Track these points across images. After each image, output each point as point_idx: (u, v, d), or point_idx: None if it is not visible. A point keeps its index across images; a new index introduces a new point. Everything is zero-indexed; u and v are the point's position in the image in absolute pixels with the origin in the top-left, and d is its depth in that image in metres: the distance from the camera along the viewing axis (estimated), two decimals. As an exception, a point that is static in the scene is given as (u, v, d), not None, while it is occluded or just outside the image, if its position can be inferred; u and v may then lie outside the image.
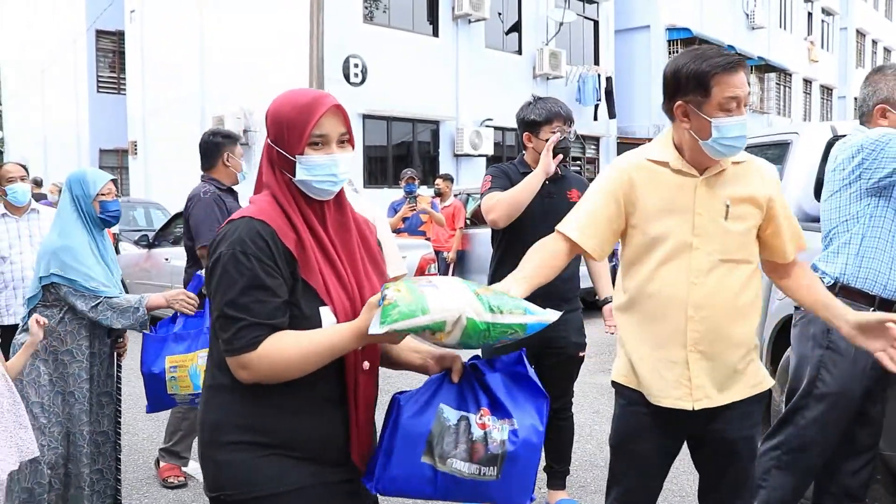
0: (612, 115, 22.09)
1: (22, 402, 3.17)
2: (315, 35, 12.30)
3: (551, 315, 1.87)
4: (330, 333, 1.81)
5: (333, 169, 1.90)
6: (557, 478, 4.15)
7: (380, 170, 17.32)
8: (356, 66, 15.80)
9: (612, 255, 4.55)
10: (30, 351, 3.29)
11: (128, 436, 5.52)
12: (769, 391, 2.66)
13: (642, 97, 24.32)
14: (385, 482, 1.87)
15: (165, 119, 20.01)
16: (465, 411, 1.90)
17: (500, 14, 19.37)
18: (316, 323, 1.85)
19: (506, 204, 3.63)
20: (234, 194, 4.78)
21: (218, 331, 1.83)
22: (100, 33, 24.50)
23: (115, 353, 3.76)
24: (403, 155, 17.77)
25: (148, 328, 3.61)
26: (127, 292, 3.77)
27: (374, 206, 3.95)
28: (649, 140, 17.75)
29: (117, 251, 10.41)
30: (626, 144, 23.69)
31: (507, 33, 19.76)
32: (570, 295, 3.91)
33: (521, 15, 19.92)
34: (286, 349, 1.79)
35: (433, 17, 17.85)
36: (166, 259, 8.91)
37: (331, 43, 13.73)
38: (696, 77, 2.32)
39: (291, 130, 1.88)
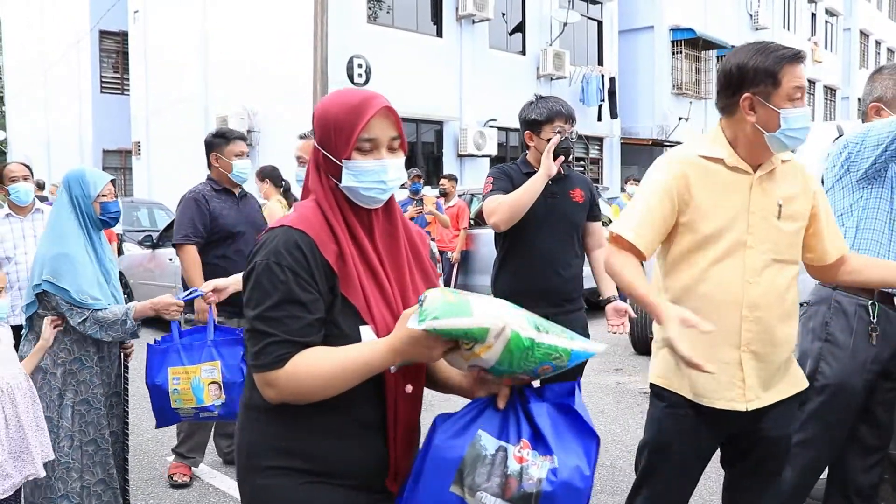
0: (613, 115, 22.06)
1: (40, 403, 3.21)
2: (319, 35, 12.29)
3: (599, 346, 1.76)
4: (363, 349, 1.70)
5: (382, 175, 1.78)
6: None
7: (383, 170, 17.30)
8: (360, 66, 15.79)
9: None
10: (40, 354, 3.27)
11: (133, 436, 5.51)
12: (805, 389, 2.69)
13: (646, 98, 24.31)
14: None
15: (169, 119, 20.01)
16: (504, 441, 1.72)
17: (503, 14, 19.35)
18: (353, 343, 1.73)
19: (507, 207, 3.62)
20: (231, 195, 4.78)
21: (247, 344, 1.74)
22: (103, 34, 24.51)
23: (123, 354, 3.70)
24: (407, 155, 17.73)
25: (138, 336, 3.49)
26: (129, 292, 3.72)
27: None
28: (653, 141, 17.74)
29: (121, 252, 10.45)
30: (629, 145, 23.69)
31: (510, 34, 19.75)
32: (573, 295, 3.89)
33: (524, 15, 19.91)
34: (315, 367, 1.68)
35: (437, 17, 17.84)
36: (170, 259, 8.90)
37: (335, 43, 13.72)
38: (765, 69, 2.33)
39: (339, 133, 1.77)
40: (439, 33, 17.87)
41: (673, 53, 24.78)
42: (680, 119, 24.05)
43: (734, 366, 2.44)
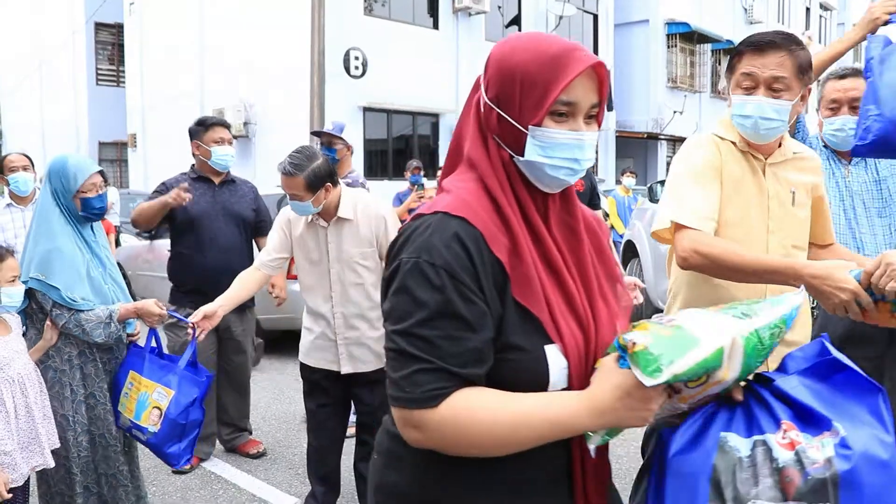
0: (609, 107, 22.01)
1: (47, 393, 3.19)
2: (316, 28, 12.29)
3: (797, 297, 1.45)
4: (551, 403, 1.28)
5: (577, 152, 1.37)
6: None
7: (380, 163, 17.33)
8: (356, 58, 15.81)
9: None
10: (40, 354, 3.22)
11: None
12: None
13: (641, 91, 24.34)
14: None
15: (165, 112, 19.99)
16: (758, 434, 1.37)
17: (500, 7, 19.37)
18: (535, 369, 1.33)
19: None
20: (208, 182, 4.76)
21: (387, 366, 1.34)
22: (99, 26, 24.46)
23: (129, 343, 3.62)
24: (403, 148, 17.78)
25: (123, 340, 3.36)
26: (127, 282, 3.68)
27: (380, 199, 3.96)
28: (647, 134, 17.74)
29: (118, 243, 10.46)
30: (624, 138, 23.74)
31: (507, 26, 19.76)
32: None
33: (520, 8, 19.93)
34: (482, 416, 1.27)
35: (433, 9, 17.85)
36: (168, 250, 8.91)
37: (331, 36, 13.73)
38: (733, 55, 2.37)
39: (528, 90, 1.34)
40: (436, 26, 17.88)
41: (668, 47, 24.82)
42: (675, 112, 24.11)
43: None
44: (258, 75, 16.82)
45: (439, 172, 9.46)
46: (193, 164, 4.83)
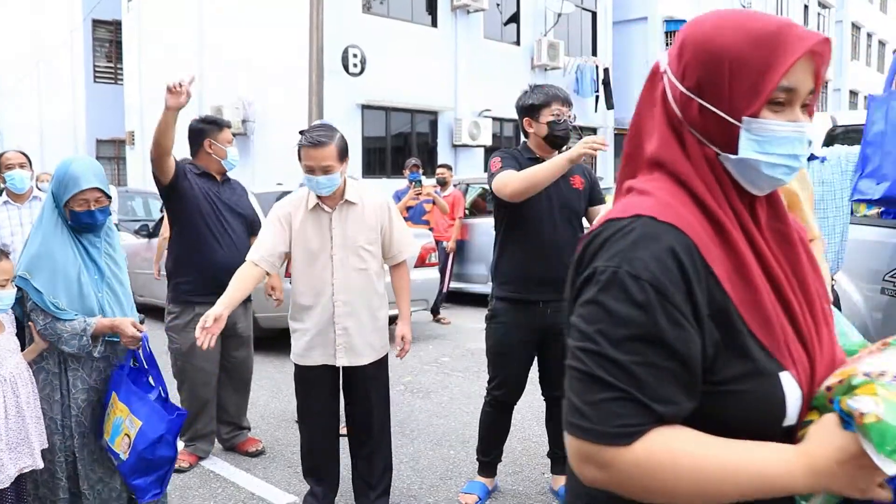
0: (609, 105, 22.10)
1: (38, 394, 3.12)
2: (314, 25, 12.28)
3: None
4: (764, 457, 1.07)
5: (797, 147, 1.19)
6: (560, 463, 4.19)
7: (378, 160, 17.31)
8: (355, 56, 15.79)
9: None
10: (33, 355, 3.13)
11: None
12: None
13: (639, 88, 24.18)
14: None
15: (163, 109, 19.94)
16: None
17: (498, 5, 19.35)
18: (770, 401, 1.13)
19: (523, 179, 3.54)
20: (212, 179, 4.73)
21: (567, 387, 1.15)
22: (96, 23, 24.43)
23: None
24: (402, 146, 17.76)
25: (95, 356, 3.16)
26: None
27: (380, 190, 3.96)
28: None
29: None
30: (622, 136, 23.69)
31: (505, 24, 19.75)
32: None
33: (519, 6, 19.90)
34: (684, 461, 1.07)
35: (432, 7, 17.83)
36: (166, 250, 8.91)
37: (330, 33, 13.72)
38: None
39: (742, 75, 1.15)
40: (434, 23, 17.86)
41: (666, 44, 24.81)
42: (673, 110, 24.11)
43: None
44: (257, 73, 16.80)
45: (438, 170, 9.49)
46: (191, 161, 4.79)
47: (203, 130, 4.72)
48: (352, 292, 3.62)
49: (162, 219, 9.74)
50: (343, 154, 3.56)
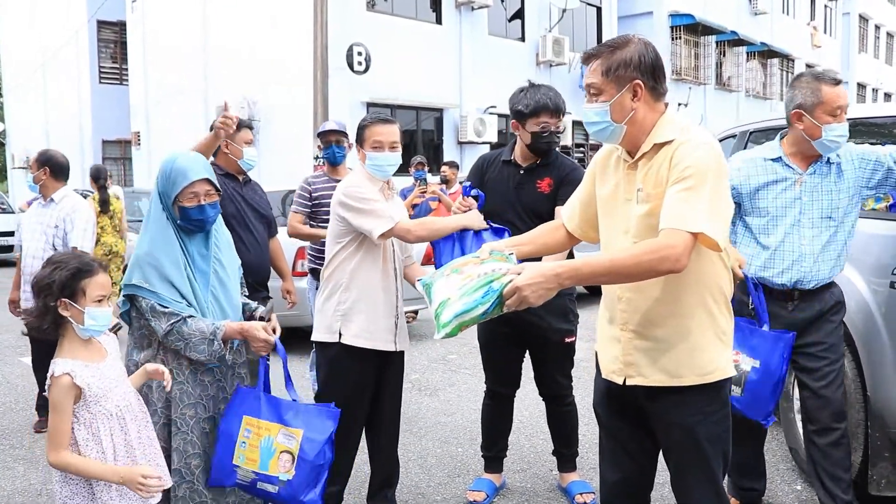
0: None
1: (152, 427, 2.77)
2: (319, 23, 12.28)
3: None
4: None
5: None
6: (567, 461, 4.19)
7: (383, 158, 17.31)
8: (360, 54, 15.78)
9: None
10: (141, 382, 2.80)
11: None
12: None
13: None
14: None
15: (168, 109, 20.00)
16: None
17: (502, 1, 19.32)
18: None
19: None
20: (236, 180, 4.69)
21: None
22: (101, 24, 24.47)
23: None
24: (407, 143, 17.75)
25: (227, 362, 3.02)
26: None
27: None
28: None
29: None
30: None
31: (510, 20, 19.72)
32: None
33: (523, 2, 19.87)
34: None
35: (436, 4, 17.81)
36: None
37: (334, 31, 13.71)
38: None
39: None
40: (438, 20, 17.85)
41: (672, 39, 24.73)
42: (679, 104, 24.04)
43: None
44: (261, 72, 16.81)
45: (443, 167, 9.47)
46: (214, 161, 4.71)
47: None
48: (401, 280, 3.73)
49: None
50: (401, 139, 3.74)
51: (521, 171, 3.86)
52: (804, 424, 3.51)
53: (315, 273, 5.33)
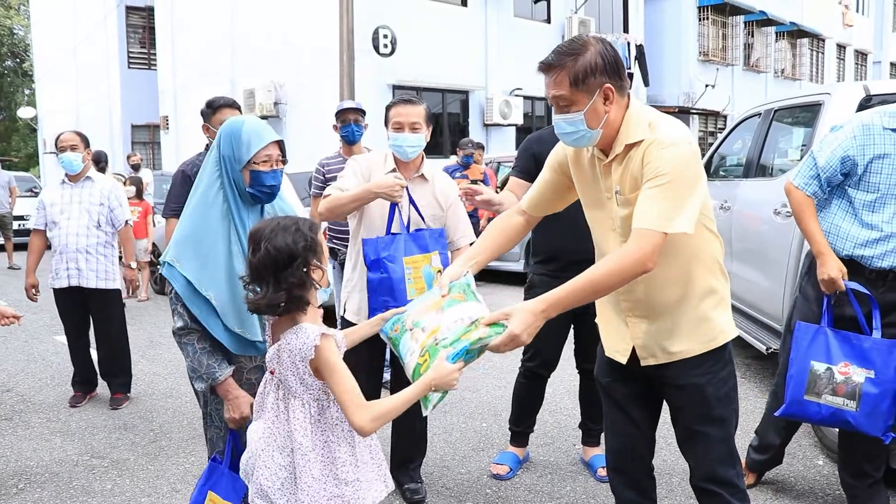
0: (646, 82, 21.81)
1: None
2: (345, 6, 12.32)
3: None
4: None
5: None
6: (592, 436, 4.24)
7: (409, 141, 17.35)
8: (385, 36, 15.80)
9: None
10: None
11: (171, 399, 5.69)
12: None
13: (672, 64, 24.07)
14: None
15: (196, 93, 20.11)
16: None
17: (528, -18, 19.25)
18: None
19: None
20: None
21: None
22: (129, 9, 24.72)
23: None
24: (433, 126, 17.75)
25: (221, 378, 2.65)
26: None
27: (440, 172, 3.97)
28: (679, 108, 17.53)
29: (154, 223, 10.59)
30: (656, 113, 23.51)
31: (535, 2, 19.63)
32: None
33: (549, -17, 19.78)
34: None
35: (461, -14, 17.78)
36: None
37: (360, 14, 13.75)
38: None
39: None
40: (464, 3, 17.82)
41: (699, 19, 24.50)
42: (706, 86, 23.84)
43: None
44: (288, 56, 16.89)
45: (458, 152, 9.45)
46: (208, 145, 4.83)
47: (202, 115, 4.73)
48: None
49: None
50: (429, 120, 3.68)
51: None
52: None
53: (333, 253, 5.37)
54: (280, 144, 2.72)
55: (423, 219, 3.62)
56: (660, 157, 2.26)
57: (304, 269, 2.18)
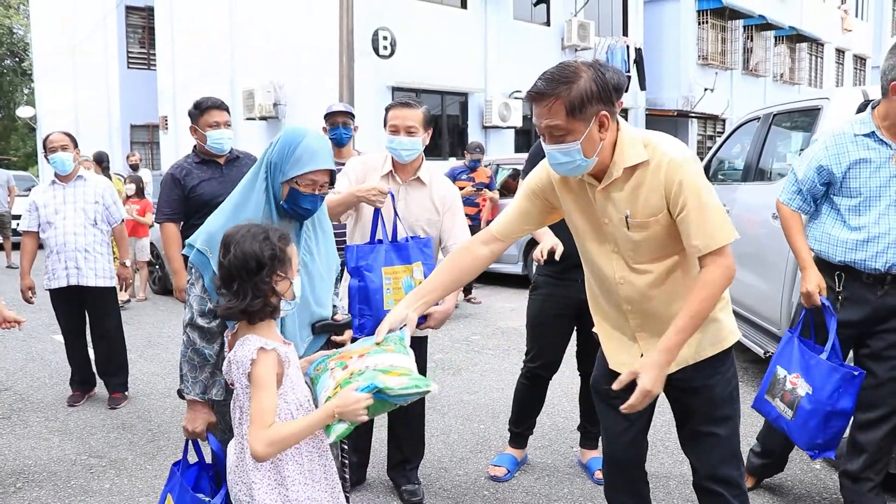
0: (642, 86, 21.91)
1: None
2: (345, 8, 12.33)
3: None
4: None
5: None
6: (590, 438, 4.25)
7: (408, 143, 17.35)
8: (385, 38, 15.81)
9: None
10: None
11: (169, 398, 5.70)
12: None
13: (671, 68, 24.09)
14: None
15: (196, 93, 19.94)
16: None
17: (528, -15, 19.26)
18: None
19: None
20: (215, 164, 4.72)
21: None
22: (129, 9, 24.73)
23: None
24: (432, 127, 17.76)
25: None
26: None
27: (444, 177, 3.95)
28: (678, 112, 17.57)
29: (152, 224, 10.58)
30: (654, 117, 23.54)
31: (535, 4, 19.63)
32: None
33: (549, -14, 19.79)
34: None
35: (461, -12, 17.79)
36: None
37: (360, 15, 13.75)
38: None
39: None
40: (464, 5, 17.82)
41: (699, 23, 24.52)
42: (706, 90, 23.86)
43: None
44: (288, 56, 16.90)
45: (465, 154, 9.46)
46: (195, 147, 4.81)
47: (190, 117, 4.73)
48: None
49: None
50: (428, 124, 3.67)
51: None
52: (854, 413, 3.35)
53: None
54: (331, 173, 2.58)
55: (406, 229, 3.57)
56: (685, 174, 2.28)
57: (267, 280, 2.20)
